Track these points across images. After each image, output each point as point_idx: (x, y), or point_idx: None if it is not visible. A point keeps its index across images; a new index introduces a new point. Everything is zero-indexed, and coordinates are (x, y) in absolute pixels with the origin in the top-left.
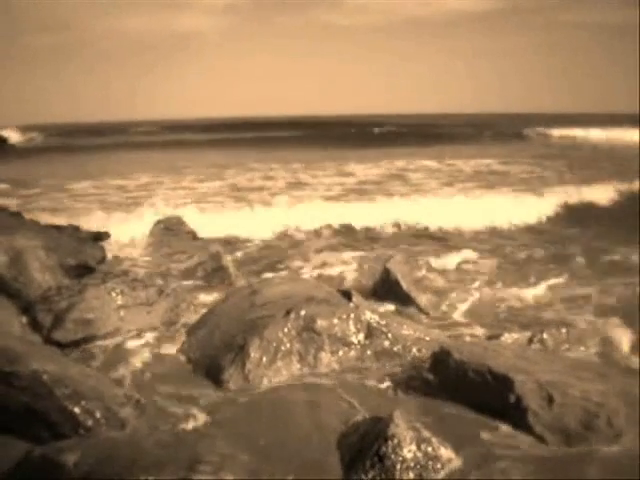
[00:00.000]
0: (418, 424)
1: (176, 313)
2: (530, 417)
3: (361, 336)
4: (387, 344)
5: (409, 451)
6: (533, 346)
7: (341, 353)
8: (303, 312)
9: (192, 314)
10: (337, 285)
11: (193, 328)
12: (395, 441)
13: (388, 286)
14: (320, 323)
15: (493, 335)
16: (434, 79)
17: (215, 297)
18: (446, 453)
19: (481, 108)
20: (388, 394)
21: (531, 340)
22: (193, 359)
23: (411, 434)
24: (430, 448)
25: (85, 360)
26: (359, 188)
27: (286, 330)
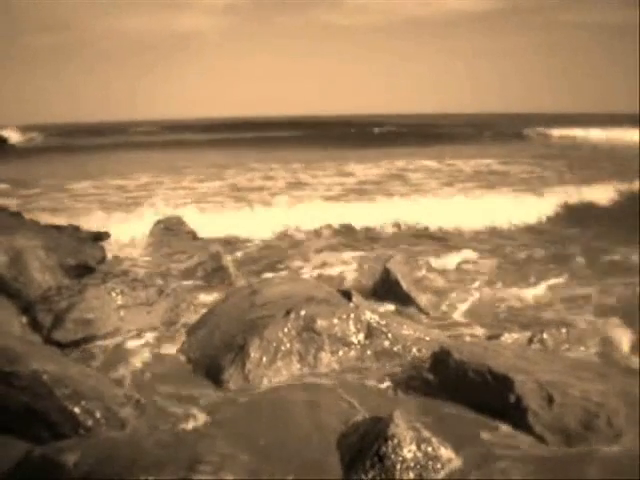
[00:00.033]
0: (418, 424)
1: (176, 313)
2: (530, 417)
3: (361, 336)
4: (387, 344)
5: (409, 451)
6: (533, 346)
7: (341, 353)
8: (303, 312)
9: (192, 314)
10: (337, 285)
11: (193, 328)
12: (395, 441)
13: (388, 286)
14: (320, 323)
15: (493, 335)
16: (434, 79)
17: (215, 297)
18: (446, 453)
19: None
20: (388, 394)
21: (531, 340)
22: (193, 359)
23: (411, 434)
24: (430, 448)
25: (85, 360)
26: (359, 188)
27: (286, 330)
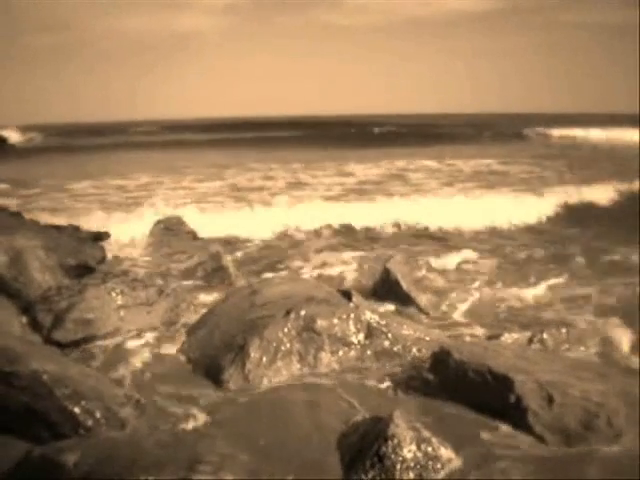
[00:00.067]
0: (418, 424)
1: (176, 313)
2: (530, 417)
3: (361, 336)
4: (387, 344)
5: (409, 451)
6: (533, 346)
7: (341, 353)
8: (303, 312)
9: (192, 314)
10: (337, 285)
11: (193, 328)
12: (395, 441)
13: (388, 286)
14: (320, 323)
15: (493, 335)
16: (434, 79)
17: (215, 297)
18: (446, 453)
19: (481, 108)
20: (388, 394)
21: (531, 340)
22: (193, 359)
23: (411, 434)
24: (430, 448)
25: (85, 360)
26: (359, 188)
27: (286, 330)
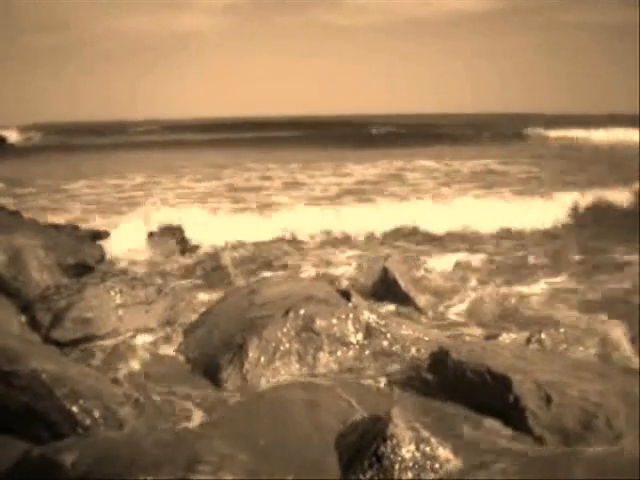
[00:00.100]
0: (417, 424)
1: (175, 312)
2: (528, 417)
3: (360, 336)
4: (386, 344)
5: (408, 451)
6: (531, 346)
7: (340, 353)
8: (302, 312)
9: (191, 313)
10: (336, 285)
11: (192, 327)
12: (394, 441)
13: (387, 286)
14: (319, 323)
15: (491, 335)
16: (434, 79)
17: (214, 296)
18: (445, 453)
19: (481, 108)
20: (387, 394)
21: (529, 340)
22: (192, 358)
23: (410, 434)
24: (429, 448)
25: (84, 359)
26: (357, 188)
27: (285, 330)
